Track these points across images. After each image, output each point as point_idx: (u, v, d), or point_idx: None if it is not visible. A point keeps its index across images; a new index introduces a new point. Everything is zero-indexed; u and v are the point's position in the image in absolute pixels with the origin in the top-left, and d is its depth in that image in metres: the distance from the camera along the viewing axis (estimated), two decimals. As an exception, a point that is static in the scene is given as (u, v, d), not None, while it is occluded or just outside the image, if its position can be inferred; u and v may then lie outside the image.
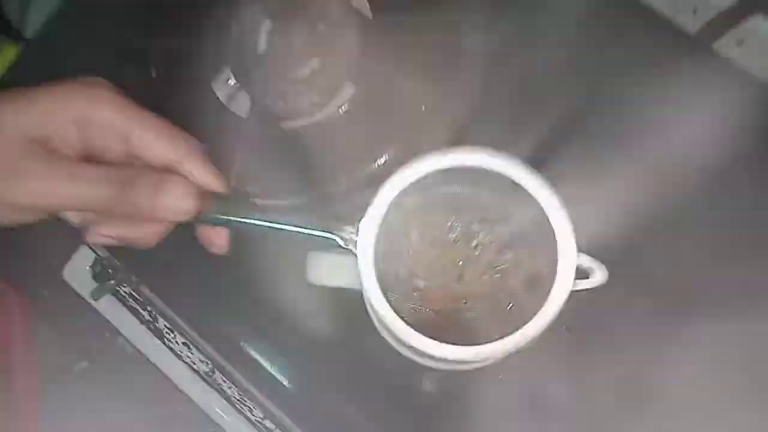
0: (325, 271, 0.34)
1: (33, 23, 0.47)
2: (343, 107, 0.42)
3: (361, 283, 0.31)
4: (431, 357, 0.32)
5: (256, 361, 0.42)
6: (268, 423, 0.49)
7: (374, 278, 0.31)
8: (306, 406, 0.42)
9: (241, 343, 0.43)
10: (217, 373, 0.52)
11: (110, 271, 0.45)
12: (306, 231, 0.32)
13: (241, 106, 0.44)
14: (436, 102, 0.41)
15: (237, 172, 0.42)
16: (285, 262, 0.39)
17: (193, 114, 0.43)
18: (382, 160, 0.42)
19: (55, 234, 0.53)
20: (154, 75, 0.43)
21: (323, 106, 0.42)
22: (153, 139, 0.30)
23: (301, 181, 0.42)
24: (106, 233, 0.30)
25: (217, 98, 0.44)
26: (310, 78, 0.41)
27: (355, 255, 0.31)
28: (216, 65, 0.44)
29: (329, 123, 0.42)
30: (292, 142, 0.43)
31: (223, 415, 0.51)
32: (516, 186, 0.32)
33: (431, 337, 0.31)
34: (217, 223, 0.31)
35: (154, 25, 0.43)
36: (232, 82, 0.43)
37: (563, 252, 0.31)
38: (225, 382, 0.52)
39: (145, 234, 0.31)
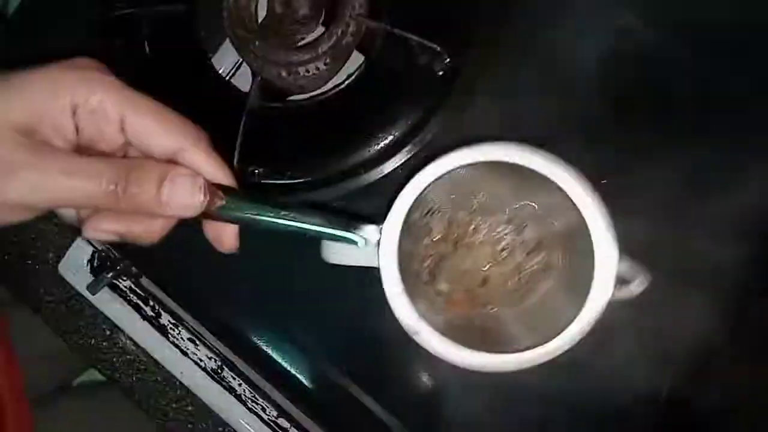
0: (342, 247, 0.31)
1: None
2: (350, 79, 0.39)
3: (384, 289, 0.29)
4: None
5: (269, 356, 0.39)
6: (282, 421, 0.47)
7: (400, 287, 0.28)
8: (324, 402, 0.39)
9: (252, 338, 0.40)
10: (225, 370, 0.49)
11: (109, 263, 0.42)
12: (325, 231, 0.29)
13: (243, 80, 0.41)
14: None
15: (239, 151, 0.39)
16: (298, 243, 0.35)
17: (191, 91, 0.40)
18: (391, 137, 0.38)
19: (49, 226, 0.50)
20: (147, 51, 0.40)
21: (328, 78, 0.39)
22: (153, 126, 0.27)
23: (307, 159, 0.39)
24: (105, 228, 0.27)
25: (217, 73, 0.41)
26: (315, 45, 0.38)
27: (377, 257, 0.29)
28: (213, 38, 0.41)
29: (337, 97, 0.39)
30: (298, 118, 0.40)
31: (235, 415, 0.48)
32: (549, 184, 0.29)
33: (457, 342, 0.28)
34: (228, 219, 0.28)
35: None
36: (232, 55, 0.40)
37: (602, 256, 0.28)
38: (235, 379, 0.49)
39: (148, 230, 0.28)
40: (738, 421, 0.35)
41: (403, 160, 0.38)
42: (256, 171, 0.39)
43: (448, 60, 0.37)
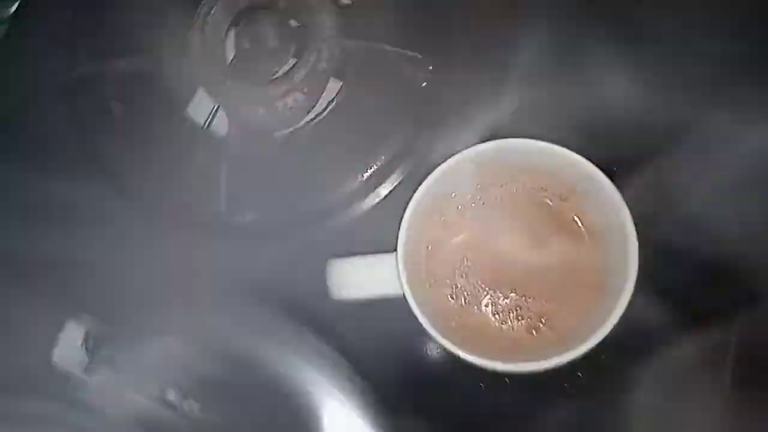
0: (352, 280, 0.28)
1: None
2: (331, 105, 0.37)
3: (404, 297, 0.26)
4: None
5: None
6: None
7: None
8: None
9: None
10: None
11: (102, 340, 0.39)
12: None
13: (220, 125, 0.39)
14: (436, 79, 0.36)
15: (226, 199, 0.37)
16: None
17: (169, 146, 0.38)
18: (383, 158, 0.36)
19: (39, 312, 0.47)
20: (115, 110, 0.39)
21: (309, 108, 0.37)
22: None
23: (299, 196, 0.37)
24: None
25: (194, 123, 0.39)
26: (290, 76, 0.36)
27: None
28: (185, 87, 0.39)
29: (319, 126, 0.37)
30: (284, 154, 0.38)
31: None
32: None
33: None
34: None
35: (105, 49, 0.38)
36: (206, 101, 0.38)
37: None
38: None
39: None
40: None
41: (400, 179, 0.36)
42: (245, 216, 0.37)
43: (431, 68, 0.35)
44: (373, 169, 0.36)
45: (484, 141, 0.28)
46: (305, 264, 0.33)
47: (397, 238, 0.28)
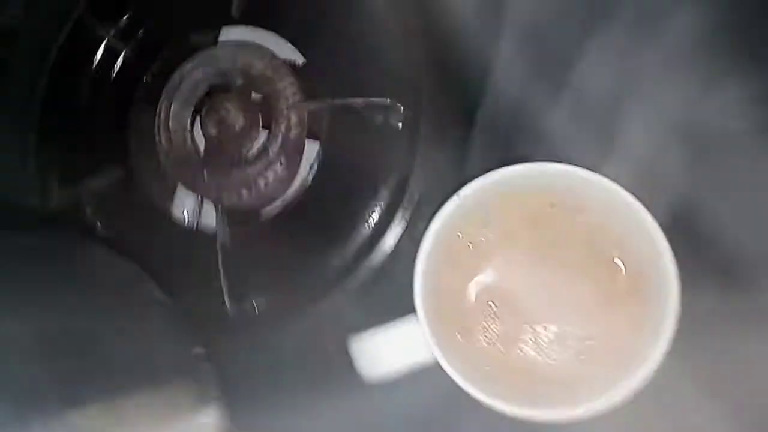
0: (379, 358, 0.26)
1: None
2: (313, 168, 0.35)
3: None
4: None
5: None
6: None
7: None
8: None
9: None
10: None
11: None
12: None
13: (207, 217, 0.37)
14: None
15: (227, 290, 0.35)
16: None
17: (159, 250, 0.37)
18: (378, 210, 0.35)
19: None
20: (99, 229, 0.37)
21: (291, 177, 0.36)
22: None
23: (300, 271, 0.35)
24: None
25: (179, 222, 0.37)
26: (265, 150, 0.35)
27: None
28: (165, 188, 0.38)
29: (306, 193, 0.36)
30: (277, 232, 0.36)
31: None
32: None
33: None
34: None
35: (76, 172, 0.37)
36: (188, 198, 0.37)
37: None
38: None
39: None
40: None
41: (404, 225, 0.34)
42: (253, 303, 0.35)
43: (404, 109, 0.34)
44: (372, 223, 0.35)
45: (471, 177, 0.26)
46: (327, 339, 0.31)
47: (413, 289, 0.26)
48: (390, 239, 0.35)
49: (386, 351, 0.25)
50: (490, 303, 0.27)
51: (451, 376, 0.24)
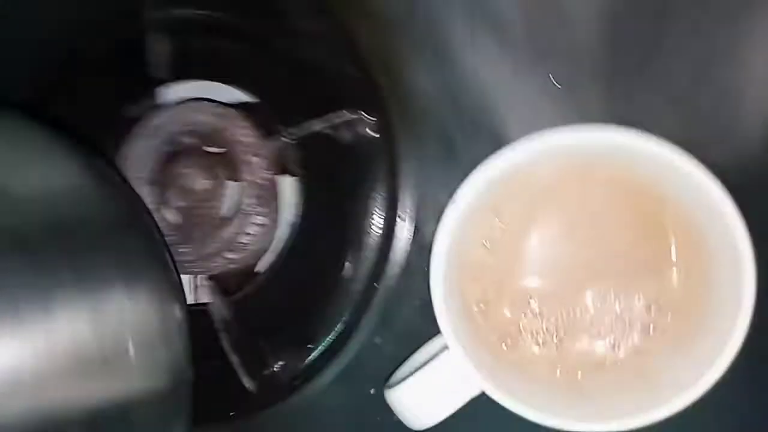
0: (422, 405, 0.22)
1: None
2: (294, 205, 0.32)
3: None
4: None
5: None
6: None
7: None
8: None
9: None
10: None
11: None
12: None
13: (201, 294, 0.34)
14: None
15: (242, 364, 0.32)
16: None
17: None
18: (376, 237, 0.32)
19: None
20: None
21: (274, 222, 0.33)
22: None
23: (308, 323, 0.32)
24: None
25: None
26: (239, 204, 0.32)
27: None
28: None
29: (297, 235, 0.33)
30: (271, 284, 0.33)
31: None
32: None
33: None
34: None
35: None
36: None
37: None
38: None
39: None
40: None
41: (407, 245, 0.31)
42: (275, 369, 0.32)
43: (369, 117, 0.31)
44: (374, 244, 0.32)
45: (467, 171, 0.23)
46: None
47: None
48: (398, 255, 0.32)
49: (427, 398, 0.22)
50: (529, 296, 0.24)
51: (503, 404, 0.20)
